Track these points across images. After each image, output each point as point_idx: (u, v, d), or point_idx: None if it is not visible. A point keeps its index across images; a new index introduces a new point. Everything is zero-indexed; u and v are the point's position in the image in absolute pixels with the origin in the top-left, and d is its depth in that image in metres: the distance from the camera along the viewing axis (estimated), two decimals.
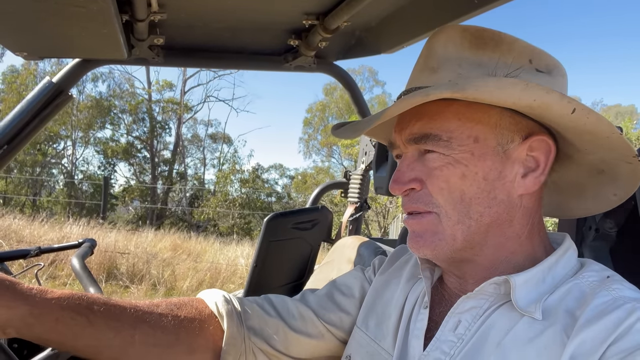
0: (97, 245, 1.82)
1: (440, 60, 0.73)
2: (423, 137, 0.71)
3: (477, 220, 0.70)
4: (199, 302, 0.89)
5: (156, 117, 22.28)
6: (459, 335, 0.71)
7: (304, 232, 1.89)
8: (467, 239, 0.71)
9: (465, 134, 0.69)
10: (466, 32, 0.73)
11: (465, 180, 0.70)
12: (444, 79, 0.71)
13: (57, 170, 21.69)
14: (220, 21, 1.48)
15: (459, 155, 0.69)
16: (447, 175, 0.70)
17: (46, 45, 1.38)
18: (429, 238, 0.72)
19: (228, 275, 7.01)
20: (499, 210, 0.71)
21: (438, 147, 0.70)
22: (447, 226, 0.71)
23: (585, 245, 1.13)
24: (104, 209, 11.01)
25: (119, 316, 0.76)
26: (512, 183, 0.71)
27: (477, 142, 0.69)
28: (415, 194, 0.73)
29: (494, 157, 0.70)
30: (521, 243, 0.73)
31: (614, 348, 0.57)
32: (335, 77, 1.97)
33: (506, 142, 0.70)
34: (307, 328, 0.91)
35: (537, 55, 0.73)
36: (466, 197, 0.70)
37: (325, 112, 25.34)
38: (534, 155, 0.71)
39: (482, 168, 0.69)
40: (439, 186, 0.71)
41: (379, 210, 17.20)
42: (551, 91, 0.63)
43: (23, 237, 7.20)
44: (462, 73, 0.71)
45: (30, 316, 0.68)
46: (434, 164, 0.71)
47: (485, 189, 0.70)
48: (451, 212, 0.71)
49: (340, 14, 1.29)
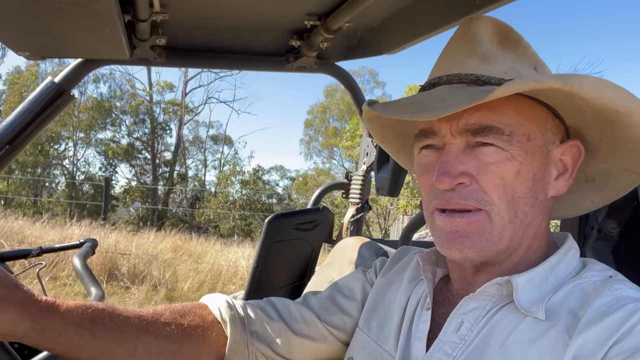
0: (98, 245, 1.82)
1: (492, 49, 0.72)
2: (484, 129, 0.67)
3: (522, 220, 0.69)
4: (202, 308, 0.89)
5: (157, 118, 22.30)
6: (461, 336, 0.71)
7: (305, 232, 1.89)
8: (512, 239, 0.70)
9: (521, 131, 0.68)
10: (498, 26, 0.74)
11: (518, 178, 0.68)
12: (499, 71, 0.69)
13: (58, 171, 21.71)
14: (222, 22, 1.49)
15: (516, 152, 0.68)
16: (504, 171, 0.67)
17: (48, 45, 1.38)
18: (476, 239, 0.68)
19: (229, 277, 7.00)
20: (538, 210, 0.71)
21: (499, 141, 0.67)
22: (498, 226, 0.68)
23: (587, 245, 1.12)
24: (105, 210, 11.02)
25: (122, 327, 0.76)
26: (549, 184, 0.71)
27: (530, 141, 0.69)
28: (464, 189, 0.69)
29: (541, 158, 0.70)
30: (540, 244, 0.74)
31: (616, 348, 0.57)
32: (337, 78, 1.97)
33: (549, 143, 0.70)
34: (309, 331, 0.91)
35: (540, 65, 0.75)
36: (517, 195, 0.68)
37: (326, 114, 25.33)
38: (563, 159, 0.72)
39: (532, 167, 0.69)
40: (495, 182, 0.67)
41: (380, 212, 17.20)
42: (634, 98, 0.63)
43: (24, 237, 7.20)
44: (516, 67, 0.70)
45: (33, 331, 0.68)
46: (489, 159, 0.68)
47: (532, 189, 0.69)
48: (504, 211, 0.68)
49: (342, 14, 1.29)
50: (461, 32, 0.75)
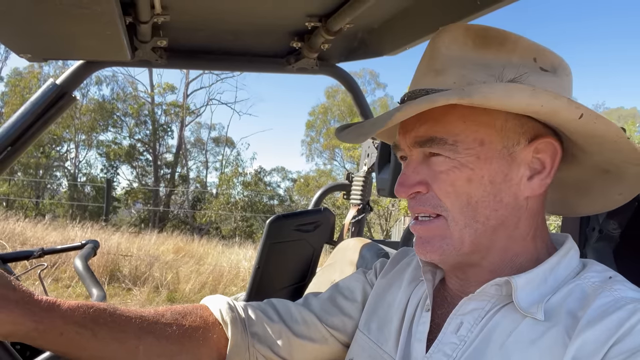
0: (100, 246, 1.82)
1: (445, 61, 0.72)
2: (428, 141, 0.71)
3: (484, 223, 0.70)
4: (203, 309, 0.89)
5: (159, 120, 22.33)
6: (461, 337, 0.71)
7: (306, 234, 1.89)
8: (474, 242, 0.71)
9: (470, 137, 0.69)
10: (470, 31, 0.72)
11: (471, 183, 0.69)
12: (448, 82, 0.70)
13: (60, 173, 21.75)
14: (223, 23, 1.49)
15: (464, 159, 0.69)
16: (453, 178, 0.69)
17: (50, 46, 1.39)
18: (437, 243, 0.72)
19: (231, 278, 7.01)
20: (506, 213, 0.70)
21: (444, 151, 0.70)
22: (455, 230, 0.71)
23: (588, 246, 1.12)
24: (107, 212, 11.03)
25: (124, 327, 0.76)
26: (519, 185, 0.70)
27: (483, 145, 0.69)
28: (421, 197, 0.73)
29: (499, 160, 0.69)
30: (526, 245, 0.73)
31: (616, 349, 0.57)
32: (338, 79, 1.97)
33: (512, 144, 0.69)
34: (310, 333, 0.91)
35: (542, 54, 0.72)
36: (472, 200, 0.69)
37: (327, 115, 25.34)
38: (539, 157, 0.71)
39: (488, 171, 0.69)
40: (446, 190, 0.70)
41: (381, 213, 17.19)
42: (559, 97, 0.63)
43: (26, 239, 7.21)
44: (467, 75, 0.70)
45: (34, 331, 0.68)
46: (439, 168, 0.71)
47: (492, 192, 0.69)
48: (458, 216, 0.70)
49: (342, 15, 1.30)
50: (428, 47, 0.76)
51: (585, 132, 0.67)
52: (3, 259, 1.64)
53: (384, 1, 1.33)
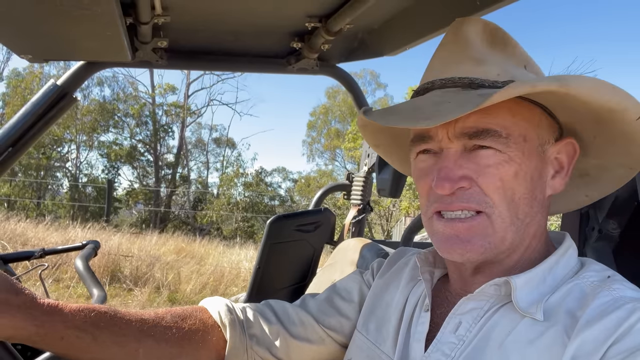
0: (101, 247, 1.83)
1: (482, 51, 0.72)
2: (481, 132, 0.67)
3: (522, 220, 0.70)
4: (203, 311, 0.90)
5: (159, 120, 22.35)
6: (459, 336, 0.71)
7: (307, 234, 1.89)
8: (514, 239, 0.70)
9: (517, 132, 0.68)
10: (487, 27, 0.74)
11: (517, 179, 0.68)
12: (492, 73, 0.69)
13: (61, 173, 21.77)
14: (224, 24, 1.49)
15: (513, 153, 0.68)
16: (503, 173, 0.68)
17: (51, 47, 1.39)
18: (478, 242, 0.69)
19: (231, 278, 7.01)
20: (537, 210, 0.71)
21: (496, 144, 0.67)
22: (500, 228, 0.68)
23: (587, 246, 1.12)
24: (108, 212, 11.05)
25: (124, 331, 0.77)
26: (546, 183, 0.71)
27: (526, 142, 0.69)
28: (464, 192, 0.69)
29: (537, 157, 0.70)
30: (538, 243, 0.74)
31: (615, 348, 0.57)
32: (338, 80, 1.97)
33: (545, 142, 0.71)
34: (307, 334, 0.92)
35: (530, 63, 0.75)
36: (516, 197, 0.69)
37: (328, 116, 25.34)
38: (558, 157, 0.72)
39: (530, 168, 0.69)
40: (495, 184, 0.68)
41: (382, 214, 17.19)
42: (629, 95, 0.63)
43: (27, 239, 7.22)
44: (508, 69, 0.70)
45: (36, 335, 0.69)
46: (488, 161, 0.68)
47: (531, 189, 0.70)
48: (505, 213, 0.68)
49: (342, 16, 1.30)
50: (452, 35, 0.75)
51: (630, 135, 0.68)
52: (4, 259, 1.64)
53: (384, 2, 1.33)
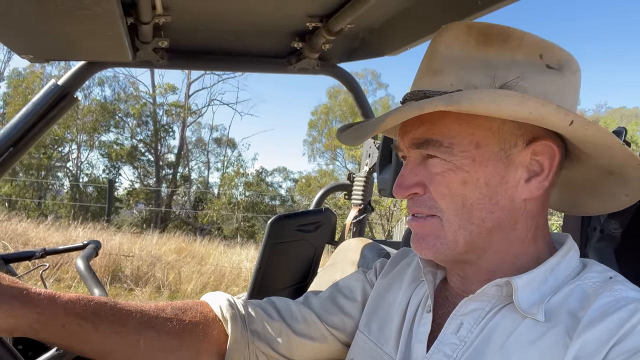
0: (102, 247, 1.83)
1: (442, 61, 0.72)
2: (425, 143, 0.71)
3: (479, 225, 0.70)
4: (204, 305, 0.89)
5: (160, 120, 22.35)
6: (461, 337, 0.71)
7: (308, 234, 1.89)
8: (468, 243, 0.71)
9: (466, 140, 0.69)
10: (472, 29, 0.72)
11: (466, 186, 0.69)
12: (445, 83, 0.70)
13: (62, 173, 21.79)
14: (224, 24, 1.49)
15: (460, 162, 0.69)
16: (449, 181, 0.70)
17: (52, 47, 1.39)
18: (431, 241, 0.73)
19: (232, 278, 7.02)
20: (502, 215, 0.70)
21: (439, 153, 0.70)
22: (449, 231, 0.71)
23: (589, 246, 1.12)
24: (109, 212, 11.06)
25: (124, 321, 0.77)
26: (516, 188, 0.70)
27: (479, 148, 0.69)
28: (418, 197, 0.74)
29: (496, 163, 0.69)
30: (525, 246, 0.73)
31: (617, 349, 0.57)
32: (339, 80, 1.97)
33: (509, 147, 0.69)
34: (310, 331, 0.91)
35: (549, 50, 0.71)
36: (468, 202, 0.70)
37: (329, 115, 25.33)
38: (538, 160, 0.71)
39: (484, 174, 0.69)
40: (441, 192, 0.71)
41: (382, 214, 17.18)
42: (547, 103, 0.62)
43: (28, 239, 7.23)
44: (465, 76, 0.70)
45: (37, 323, 0.69)
46: (435, 169, 0.71)
47: (487, 195, 0.70)
48: (453, 218, 0.71)
49: (343, 16, 1.30)
50: (428, 47, 0.76)
51: (579, 138, 0.68)
52: (5, 259, 1.64)
53: (384, 1, 1.33)
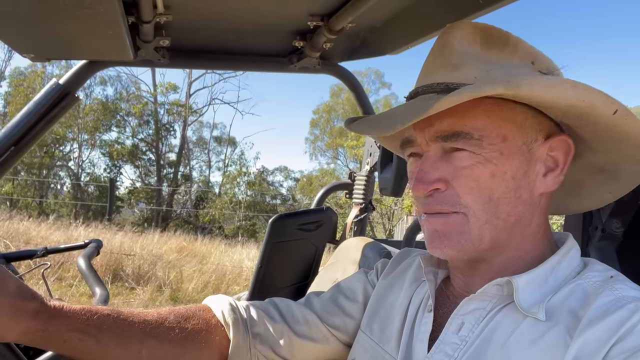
0: (103, 246, 1.83)
1: (461, 56, 0.72)
2: (453, 135, 0.69)
3: (504, 220, 0.70)
4: (206, 310, 0.89)
5: (161, 119, 22.36)
6: (462, 337, 0.71)
7: (309, 233, 1.89)
8: (494, 238, 0.70)
9: (494, 133, 0.68)
10: (478, 29, 0.73)
11: (494, 179, 0.69)
12: (469, 76, 0.70)
13: (63, 172, 21.81)
14: (226, 23, 1.49)
15: (489, 154, 0.68)
16: (477, 174, 0.69)
17: (53, 46, 1.39)
18: (455, 238, 0.70)
19: (233, 277, 7.02)
20: (523, 209, 0.71)
21: (469, 146, 0.68)
22: (475, 227, 0.69)
23: (591, 245, 1.12)
24: (110, 211, 11.07)
25: (127, 332, 0.77)
26: (535, 182, 0.71)
27: (506, 141, 0.69)
28: (440, 194, 0.71)
29: (520, 157, 0.69)
30: (535, 242, 0.73)
31: (617, 348, 0.57)
32: (340, 79, 1.97)
33: (531, 141, 0.70)
34: (311, 333, 0.91)
35: (539, 58, 0.73)
36: (494, 196, 0.69)
37: (331, 114, 25.32)
38: (553, 155, 0.71)
39: (510, 167, 0.69)
40: (469, 186, 0.69)
41: (384, 213, 17.18)
42: (597, 91, 0.63)
43: (30, 238, 7.24)
44: (490, 70, 0.70)
45: (40, 338, 0.69)
46: (462, 163, 0.69)
47: (513, 188, 0.69)
48: (480, 212, 0.69)
49: (345, 15, 1.30)
50: (437, 43, 0.76)
51: (613, 129, 0.67)
52: (7, 258, 1.65)
53: (386, 0, 1.33)
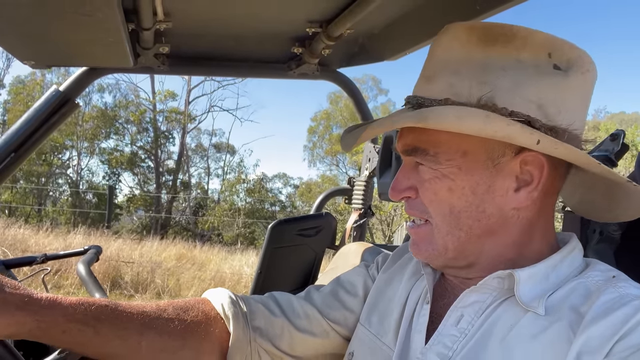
0: (102, 253, 1.83)
1: (437, 67, 0.72)
2: (412, 150, 0.73)
3: (467, 232, 0.72)
4: (205, 303, 0.89)
5: (160, 127, 22.37)
6: (461, 329, 0.71)
7: (308, 238, 1.89)
8: (458, 249, 0.73)
9: (453, 148, 0.70)
10: (473, 30, 0.71)
11: (452, 193, 0.71)
12: (436, 90, 0.71)
13: (62, 180, 21.78)
14: (225, 30, 1.50)
15: (446, 170, 0.70)
16: (436, 188, 0.72)
17: (53, 53, 1.40)
18: (424, 247, 0.76)
19: (232, 284, 7.01)
20: (490, 222, 0.71)
21: (426, 161, 0.72)
22: (439, 237, 0.73)
23: (589, 248, 1.12)
24: (109, 218, 11.05)
25: (126, 324, 0.76)
26: (504, 197, 0.70)
27: (466, 156, 0.70)
28: (411, 201, 0.76)
29: (482, 171, 0.70)
30: (522, 249, 0.73)
31: (621, 344, 0.57)
32: (339, 85, 1.98)
33: (497, 156, 0.69)
34: (312, 327, 0.92)
35: (559, 48, 0.68)
36: (455, 210, 0.71)
37: (329, 121, 25.35)
38: (528, 169, 0.70)
39: (469, 182, 0.70)
40: (429, 197, 0.73)
41: (383, 219, 17.16)
42: (512, 123, 0.63)
43: (28, 246, 7.22)
44: (455, 84, 0.69)
45: (37, 330, 0.68)
46: (424, 176, 0.73)
47: (474, 203, 0.70)
48: (441, 224, 0.73)
49: (343, 21, 1.31)
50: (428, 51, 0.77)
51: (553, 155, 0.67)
52: (6, 264, 1.64)
53: (384, 7, 1.34)
